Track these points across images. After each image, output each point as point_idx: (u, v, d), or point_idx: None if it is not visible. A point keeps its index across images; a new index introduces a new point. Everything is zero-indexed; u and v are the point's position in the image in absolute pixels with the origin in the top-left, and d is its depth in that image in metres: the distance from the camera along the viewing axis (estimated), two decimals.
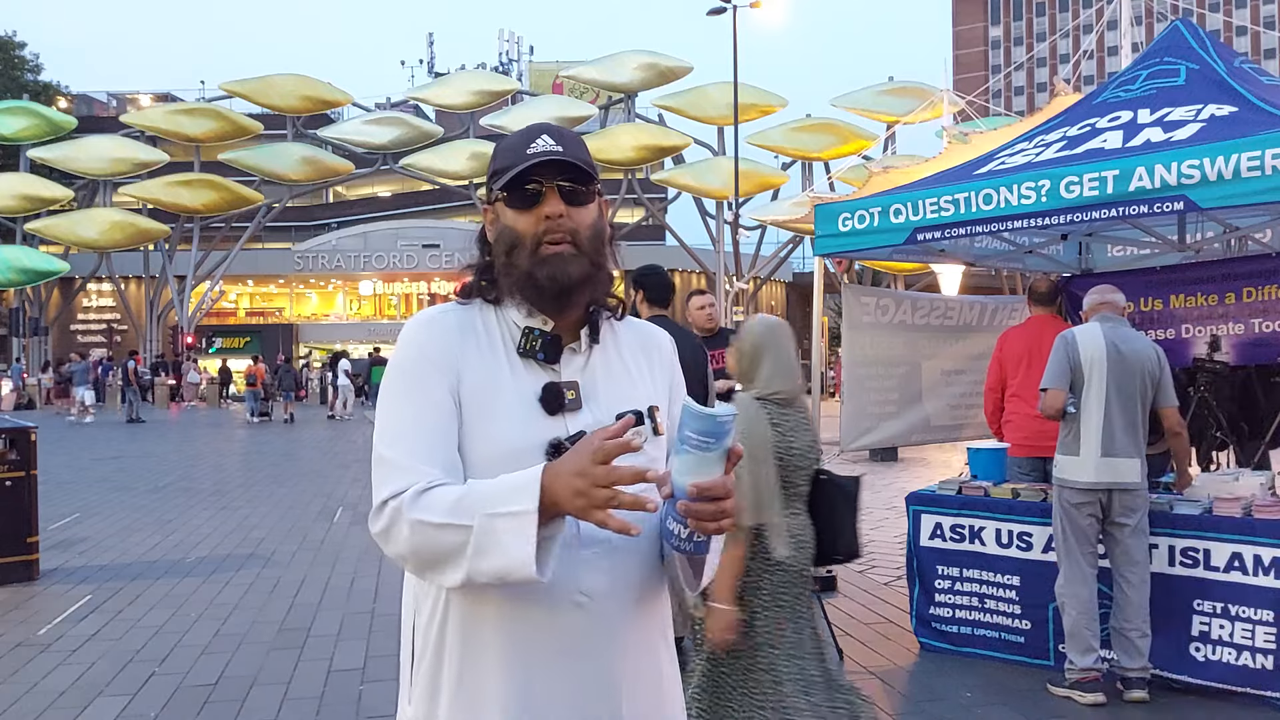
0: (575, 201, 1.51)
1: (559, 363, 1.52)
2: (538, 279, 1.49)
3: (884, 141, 35.26)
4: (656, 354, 1.65)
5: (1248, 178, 4.21)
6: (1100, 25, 13.10)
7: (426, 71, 66.80)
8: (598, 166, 1.57)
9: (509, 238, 1.52)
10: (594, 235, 1.53)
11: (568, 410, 1.49)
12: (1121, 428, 4.40)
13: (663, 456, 1.56)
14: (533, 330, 1.52)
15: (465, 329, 1.53)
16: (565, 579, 1.44)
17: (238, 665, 5.05)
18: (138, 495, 11.36)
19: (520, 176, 1.49)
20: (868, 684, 4.67)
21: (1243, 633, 4.24)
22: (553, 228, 1.49)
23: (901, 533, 6.53)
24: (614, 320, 1.62)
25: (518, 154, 1.50)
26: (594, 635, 1.46)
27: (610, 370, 1.57)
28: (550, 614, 1.44)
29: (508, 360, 1.52)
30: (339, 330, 48.12)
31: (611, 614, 1.47)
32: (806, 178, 37.31)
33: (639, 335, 1.66)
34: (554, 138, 1.52)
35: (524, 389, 1.50)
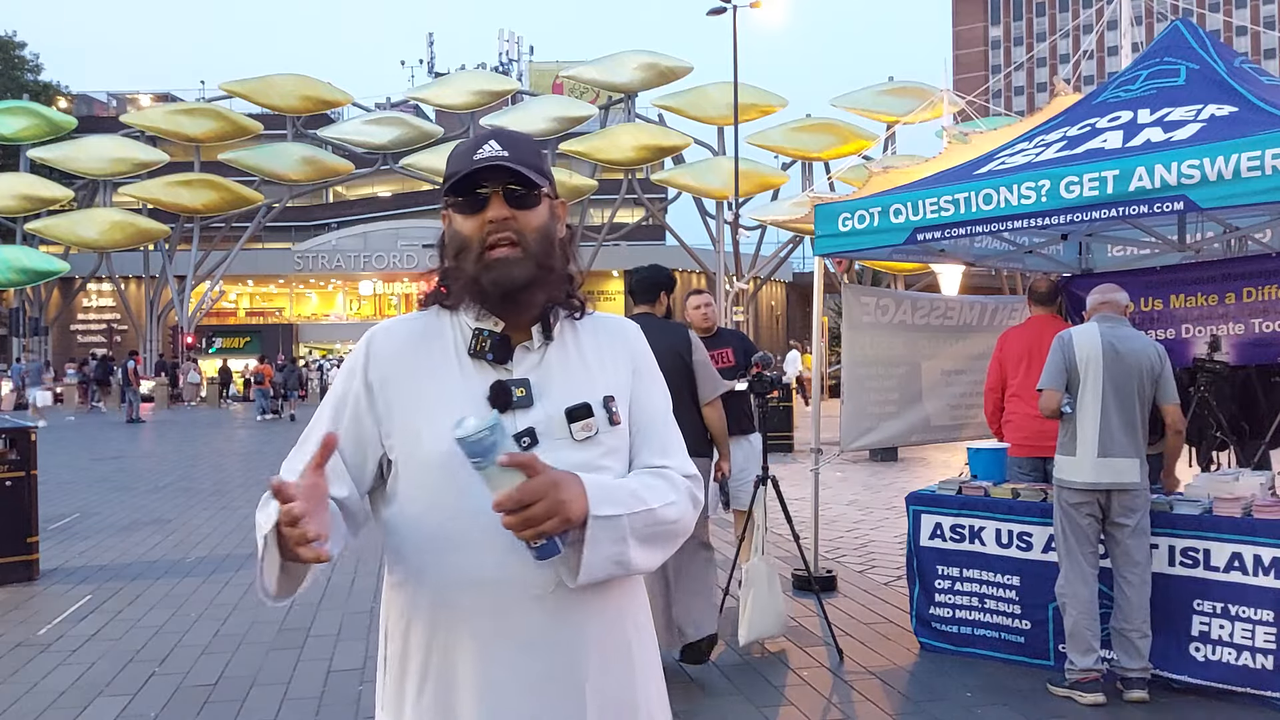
0: (522, 205, 1.54)
1: (510, 362, 1.55)
2: (482, 283, 1.52)
3: (884, 141, 35.25)
4: (621, 343, 1.66)
5: (1248, 178, 4.21)
6: (1100, 25, 13.10)
7: (426, 71, 66.82)
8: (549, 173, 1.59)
9: (458, 241, 1.55)
10: (541, 237, 1.55)
11: (517, 407, 1.51)
12: (1119, 427, 4.40)
13: (623, 446, 1.58)
14: (482, 331, 1.55)
15: (414, 338, 1.58)
16: (516, 577, 1.47)
17: (238, 665, 5.05)
18: (138, 495, 11.36)
19: (466, 181, 1.52)
20: (868, 684, 4.68)
21: (1243, 633, 4.24)
22: (497, 230, 1.52)
23: (901, 533, 6.53)
24: (575, 319, 1.63)
25: (465, 160, 1.53)
26: (555, 629, 1.48)
27: (567, 367, 1.58)
28: (509, 610, 1.47)
29: (459, 362, 1.55)
30: (339, 330, 48.14)
31: (571, 606, 1.48)
32: (806, 178, 37.31)
33: (603, 330, 1.67)
34: (502, 143, 1.54)
35: (473, 389, 1.53)
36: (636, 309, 5.07)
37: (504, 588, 1.47)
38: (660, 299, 5.05)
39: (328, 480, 1.47)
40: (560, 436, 1.52)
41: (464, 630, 1.48)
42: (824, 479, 8.39)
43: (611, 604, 1.55)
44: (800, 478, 7.31)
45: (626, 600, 1.58)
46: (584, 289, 1.68)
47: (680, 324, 5.18)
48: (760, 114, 36.42)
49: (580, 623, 1.50)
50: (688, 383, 4.80)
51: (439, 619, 1.50)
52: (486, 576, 1.47)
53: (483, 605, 1.47)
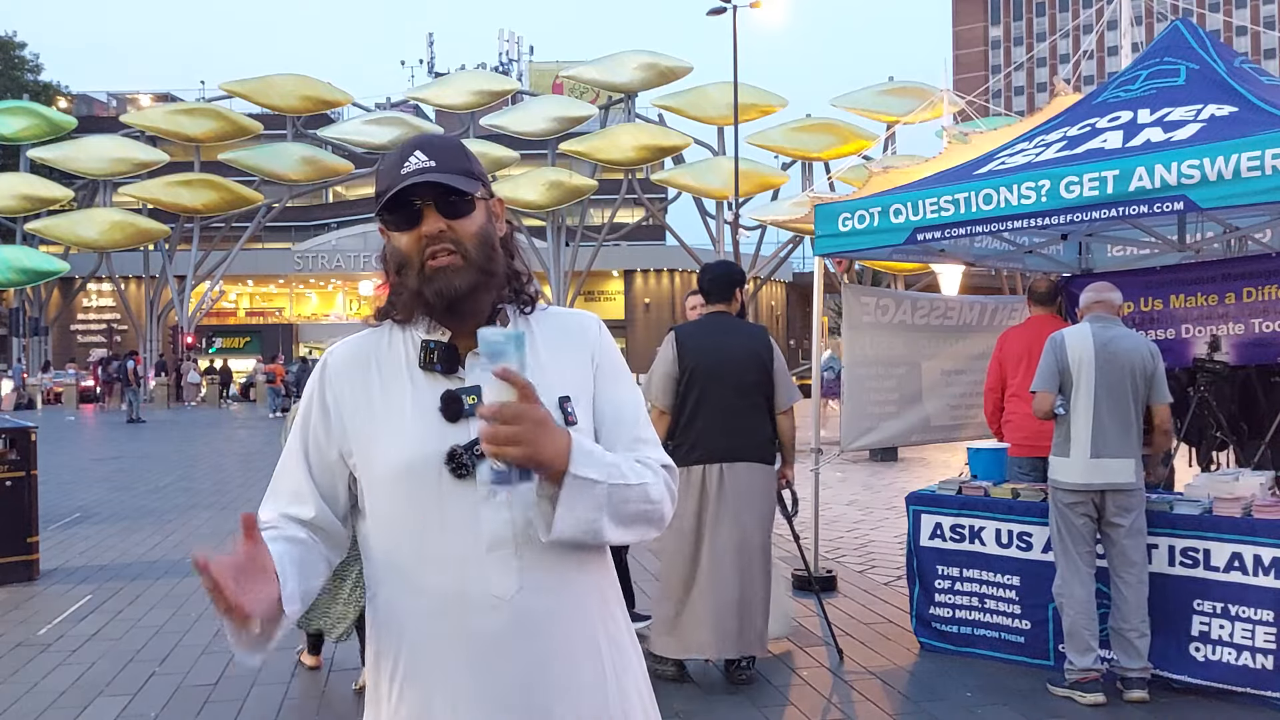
0: (456, 214, 1.52)
1: (460, 370, 1.53)
2: (426, 295, 1.51)
3: (884, 141, 35.25)
4: (579, 339, 1.63)
5: (1248, 178, 4.21)
6: (1100, 25, 13.11)
7: (426, 71, 66.79)
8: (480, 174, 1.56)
9: (398, 258, 1.54)
10: (480, 243, 1.53)
11: (468, 415, 1.49)
12: (1113, 428, 4.39)
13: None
14: (429, 343, 1.54)
15: (367, 356, 1.58)
16: (475, 582, 1.47)
17: (238, 665, 5.05)
18: (138, 495, 11.36)
19: (397, 197, 1.50)
20: (868, 684, 4.68)
21: (1243, 633, 4.24)
22: (434, 242, 1.50)
23: (901, 533, 6.53)
24: (528, 315, 1.61)
25: (393, 175, 1.51)
26: (514, 637, 1.47)
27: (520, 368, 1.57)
28: (465, 620, 1.47)
29: (410, 376, 1.54)
30: (339, 330, 48.12)
31: (530, 613, 1.48)
32: (806, 178, 37.32)
33: (558, 325, 1.64)
34: (427, 153, 1.51)
35: (424, 401, 1.51)
36: (710, 308, 4.86)
37: (464, 596, 1.47)
38: (735, 297, 4.84)
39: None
40: None
41: (430, 638, 1.49)
42: (824, 479, 8.39)
43: (576, 608, 1.53)
44: (800, 478, 7.30)
45: (594, 603, 1.56)
46: (584, 289, 1.65)
47: (760, 326, 5.02)
48: (760, 114, 36.43)
49: (543, 628, 1.49)
50: (765, 387, 4.70)
51: (406, 627, 1.51)
52: (447, 586, 1.48)
53: (445, 613, 1.48)
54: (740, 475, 4.60)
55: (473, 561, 1.47)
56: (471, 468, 1.48)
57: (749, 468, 4.62)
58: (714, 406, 4.58)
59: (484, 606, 1.47)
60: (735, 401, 4.63)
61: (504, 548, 1.48)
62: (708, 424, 4.57)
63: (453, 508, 1.48)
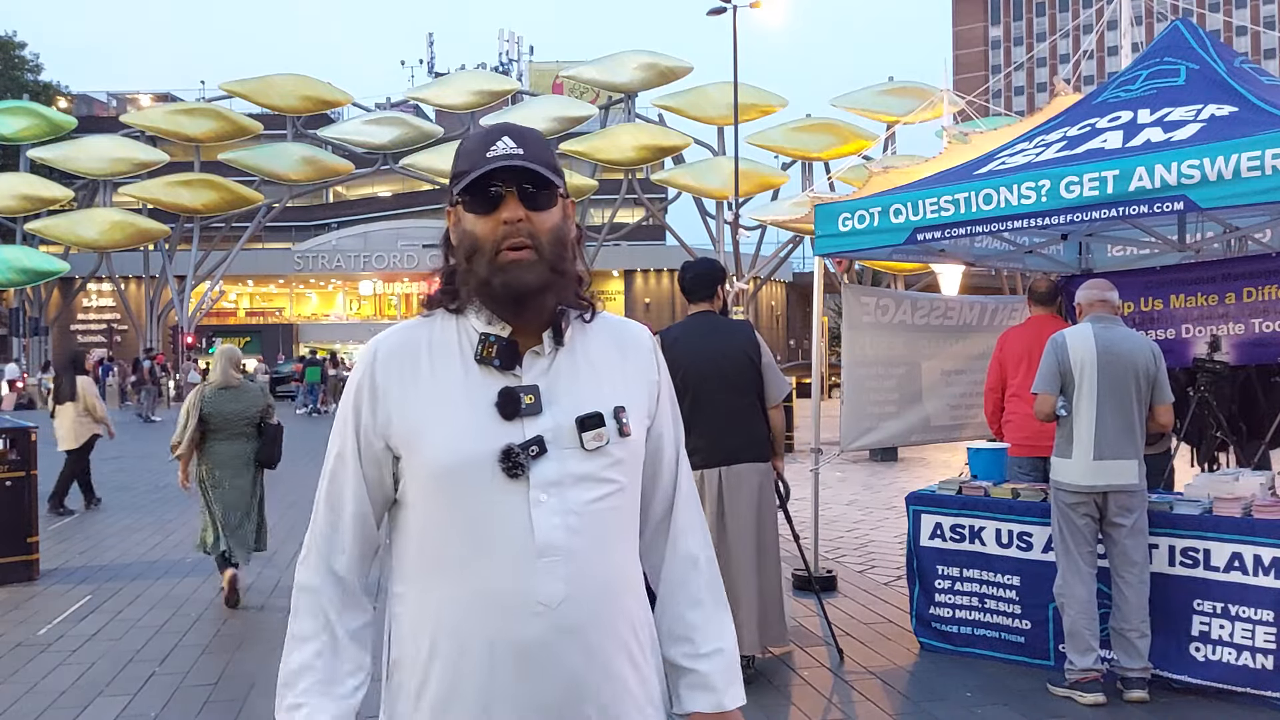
0: (536, 205, 1.48)
1: (518, 368, 1.49)
2: (494, 286, 1.47)
3: (884, 141, 35.23)
4: (633, 352, 1.61)
5: (1248, 178, 4.21)
6: (1100, 25, 13.10)
7: (426, 71, 66.81)
8: (561, 169, 1.54)
9: (468, 243, 1.49)
10: (555, 240, 1.49)
11: (525, 415, 1.46)
12: (1115, 429, 4.39)
13: (632, 456, 1.54)
14: (489, 336, 1.49)
15: (418, 344, 1.53)
16: (522, 589, 1.43)
17: (238, 665, 5.05)
18: (138, 495, 11.35)
19: (480, 180, 1.46)
20: (868, 684, 4.68)
21: (1243, 633, 4.24)
22: (512, 232, 1.46)
23: (901, 533, 6.53)
24: (585, 320, 1.57)
25: (477, 157, 1.47)
26: (556, 643, 1.44)
27: (576, 372, 1.52)
28: (508, 625, 1.44)
29: (464, 369, 1.50)
30: (339, 330, 48.15)
31: (573, 620, 1.45)
32: (806, 178, 37.31)
33: (615, 334, 1.61)
34: (515, 140, 1.48)
35: (479, 396, 1.48)
36: (694, 307, 4.84)
37: (507, 600, 1.43)
38: (717, 294, 4.84)
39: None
40: (569, 445, 1.47)
41: (466, 641, 1.45)
42: (824, 479, 8.39)
43: (619, 618, 1.51)
44: (800, 478, 7.31)
45: (636, 612, 1.54)
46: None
47: (744, 322, 5.02)
48: (760, 114, 36.43)
49: (586, 638, 1.46)
50: (756, 385, 4.70)
51: (439, 629, 1.47)
52: (488, 588, 1.44)
53: (485, 616, 1.44)
54: (742, 476, 4.62)
55: (520, 565, 1.43)
56: (526, 468, 1.44)
57: (750, 468, 4.63)
58: (711, 409, 4.57)
59: (527, 613, 1.43)
60: (731, 402, 4.63)
61: (556, 554, 1.44)
62: (706, 428, 4.56)
63: (503, 508, 1.44)
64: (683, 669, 1.60)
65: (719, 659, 1.60)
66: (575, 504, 1.46)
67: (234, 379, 6.47)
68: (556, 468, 1.45)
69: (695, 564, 1.64)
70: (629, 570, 1.55)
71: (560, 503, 1.45)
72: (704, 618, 1.62)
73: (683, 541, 1.64)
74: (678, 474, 1.66)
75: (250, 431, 6.49)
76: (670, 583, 1.64)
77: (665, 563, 1.64)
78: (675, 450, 1.66)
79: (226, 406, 6.35)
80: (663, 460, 1.64)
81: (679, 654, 1.61)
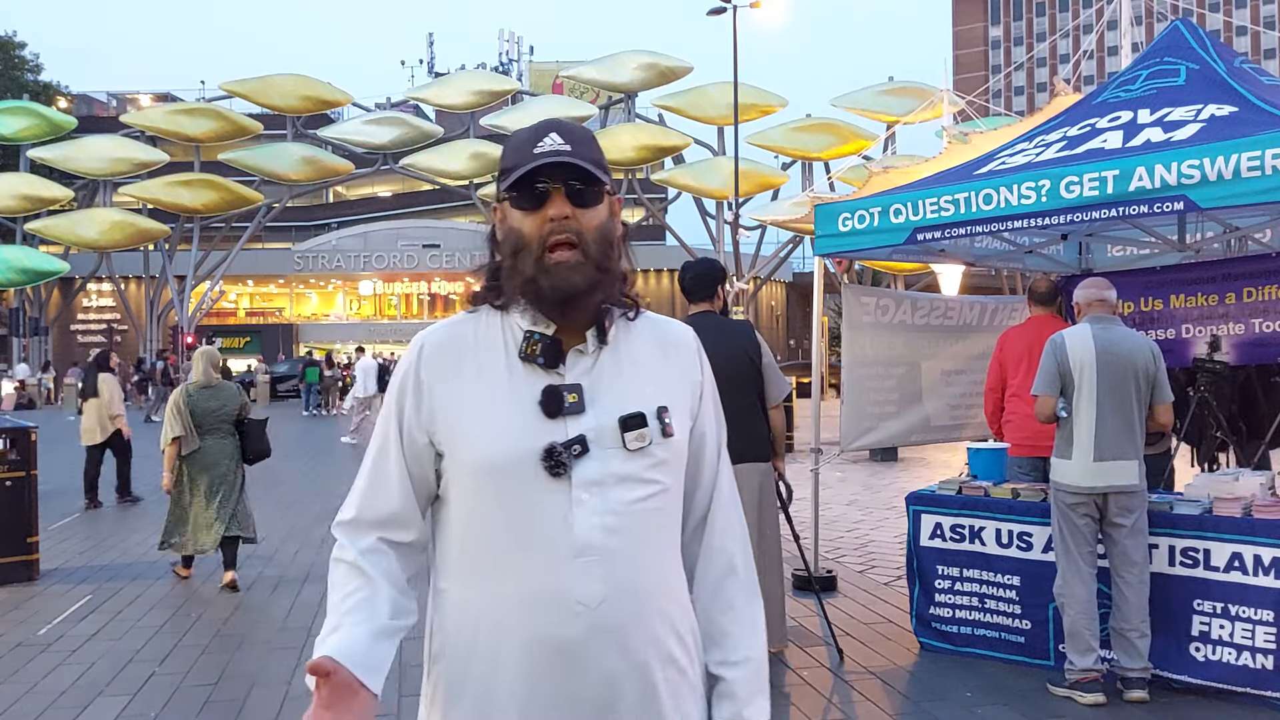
0: (583, 203, 1.48)
1: (561, 366, 1.49)
2: (540, 286, 1.46)
3: (884, 141, 35.23)
4: (676, 352, 1.60)
5: (1248, 178, 4.21)
6: (1100, 25, 13.10)
7: (426, 71, 66.85)
8: (608, 167, 1.53)
9: (514, 239, 1.49)
10: (601, 238, 1.49)
11: (568, 413, 1.46)
12: (1116, 430, 4.39)
13: (674, 457, 1.53)
14: (533, 334, 1.49)
15: (463, 341, 1.53)
16: (561, 588, 1.43)
17: (238, 665, 5.05)
18: (137, 495, 11.35)
19: (526, 176, 1.46)
20: (868, 684, 4.68)
21: (1243, 633, 4.24)
22: (558, 229, 1.46)
23: (901, 533, 6.53)
24: (629, 319, 1.57)
25: (524, 153, 1.47)
26: (595, 643, 1.43)
27: (619, 371, 1.52)
28: (547, 624, 1.43)
29: (508, 366, 1.49)
30: (339, 330, 48.15)
31: (612, 620, 1.44)
32: (806, 178, 37.31)
33: (658, 333, 1.60)
34: (563, 136, 1.48)
35: (522, 394, 1.47)
36: (695, 307, 4.84)
37: (546, 600, 1.43)
38: (717, 294, 4.84)
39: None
40: (612, 445, 1.46)
41: (505, 640, 1.44)
42: (824, 479, 8.39)
43: (657, 621, 1.49)
44: (800, 478, 7.30)
45: (667, 611, 1.52)
46: None
47: (745, 322, 5.03)
48: (760, 114, 36.43)
49: (624, 639, 1.45)
50: (756, 385, 4.69)
51: (480, 626, 1.46)
52: (528, 586, 1.44)
53: (524, 616, 1.43)
54: (743, 476, 4.61)
55: (559, 565, 1.42)
56: (568, 467, 1.44)
57: (751, 468, 4.64)
58: None
59: (566, 613, 1.42)
60: (731, 402, 4.61)
61: (593, 554, 1.44)
62: None
63: (544, 507, 1.44)
64: (713, 676, 1.59)
65: (746, 668, 1.58)
66: (616, 504, 1.45)
67: (214, 378, 6.84)
68: (599, 467, 1.45)
69: (733, 568, 1.61)
70: (670, 573, 1.54)
71: (601, 503, 1.45)
72: (737, 624, 1.60)
73: (721, 544, 1.62)
74: (718, 475, 1.63)
75: (228, 428, 6.80)
76: (705, 586, 1.61)
77: (701, 565, 1.62)
78: (717, 451, 1.64)
79: (207, 404, 6.71)
80: (704, 461, 1.62)
81: (710, 660, 1.59)
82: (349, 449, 17.18)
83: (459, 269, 46.13)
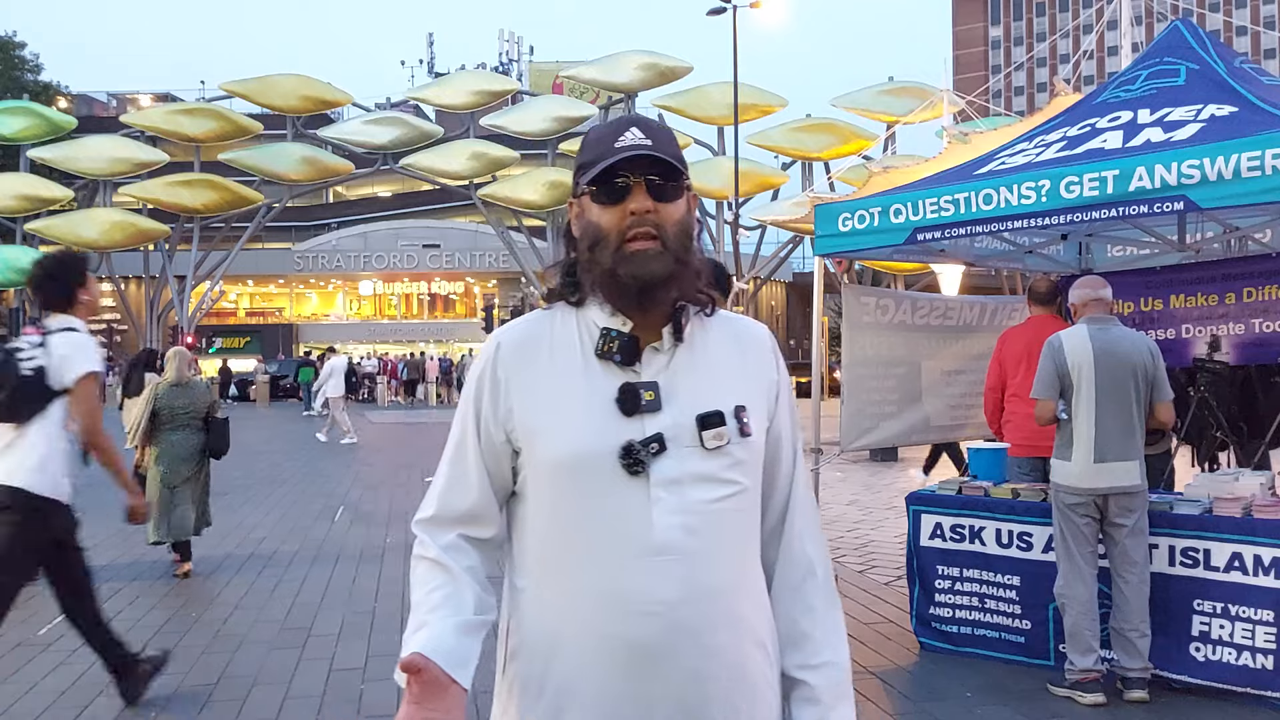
0: (663, 197, 1.48)
1: (638, 363, 1.48)
2: (620, 276, 1.46)
3: (884, 141, 35.21)
4: (753, 351, 1.59)
5: (1248, 178, 4.20)
6: (1100, 25, 13.10)
7: (426, 71, 66.88)
8: (685, 161, 1.54)
9: (593, 233, 1.49)
10: (681, 232, 1.50)
11: (645, 411, 1.45)
12: (1115, 431, 4.38)
13: (752, 458, 1.52)
14: (610, 331, 1.48)
15: (539, 338, 1.53)
16: (637, 589, 1.41)
17: (238, 665, 5.06)
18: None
19: (607, 170, 1.47)
20: (868, 684, 4.68)
21: (1243, 633, 4.24)
22: (638, 223, 1.46)
23: (901, 533, 6.53)
24: (705, 316, 1.56)
25: (605, 147, 1.48)
26: (674, 644, 1.42)
27: (695, 371, 1.51)
28: (625, 623, 1.42)
29: (584, 363, 1.49)
30: (339, 330, 48.17)
31: (689, 621, 1.42)
32: (806, 178, 37.29)
33: (734, 331, 1.60)
34: (643, 130, 1.49)
35: (599, 391, 1.47)
36: None
37: (623, 599, 1.41)
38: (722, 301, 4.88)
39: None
40: (689, 444, 1.45)
41: (582, 640, 1.43)
42: (824, 479, 8.39)
43: (736, 622, 1.48)
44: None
45: (749, 615, 1.51)
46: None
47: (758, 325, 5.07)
48: (760, 114, 36.41)
49: (702, 641, 1.43)
50: None
51: (558, 624, 1.45)
52: (606, 585, 1.42)
53: (601, 615, 1.42)
54: None
55: (637, 564, 1.41)
56: (646, 465, 1.43)
57: None
58: None
59: (644, 612, 1.41)
60: None
61: (672, 553, 1.42)
62: None
63: (621, 505, 1.43)
64: (792, 679, 1.56)
65: (829, 672, 1.56)
66: (694, 504, 1.44)
67: (185, 377, 7.33)
68: (676, 466, 1.44)
69: (812, 571, 1.60)
70: (749, 574, 1.53)
71: (679, 502, 1.44)
72: (817, 626, 1.58)
73: (800, 546, 1.61)
74: (795, 477, 1.63)
75: (196, 424, 7.25)
76: (784, 588, 1.59)
77: (780, 567, 1.60)
78: (793, 453, 1.63)
79: (176, 401, 7.18)
80: (780, 462, 1.61)
81: (789, 663, 1.57)
82: (349, 449, 17.18)
83: (459, 269, 46.15)
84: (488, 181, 36.23)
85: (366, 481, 12.46)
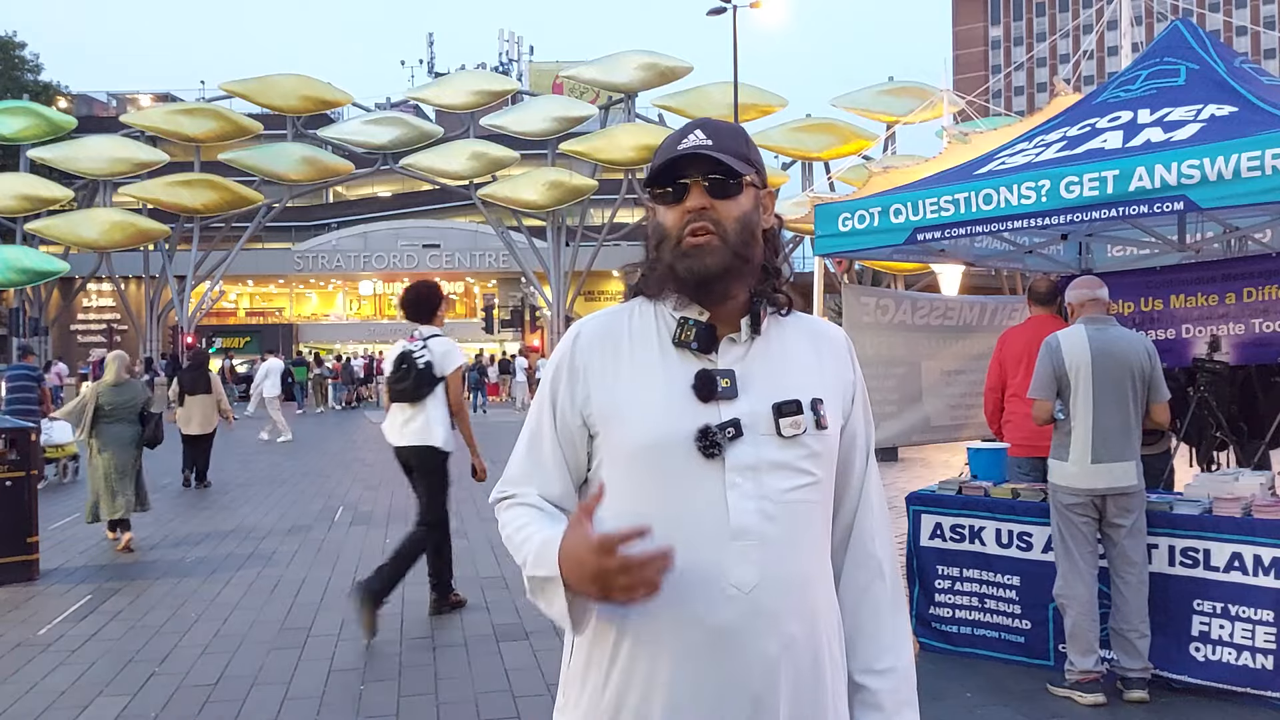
0: (722, 194, 1.52)
1: (714, 352, 1.51)
2: (677, 271, 1.50)
3: (884, 141, 35.25)
4: (828, 348, 1.62)
5: (1248, 178, 4.20)
6: (1100, 25, 13.10)
7: (426, 72, 66.85)
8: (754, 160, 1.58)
9: (659, 231, 1.55)
10: (741, 228, 1.52)
11: (721, 398, 1.48)
12: (1113, 431, 4.38)
13: (827, 451, 1.53)
14: (687, 320, 1.52)
15: (618, 328, 1.57)
16: (714, 572, 1.43)
17: (238, 665, 5.05)
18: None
19: (667, 171, 1.52)
20: None
21: (1243, 633, 4.24)
22: (695, 219, 1.50)
23: (901, 533, 6.53)
24: (781, 315, 1.59)
25: (670, 150, 1.53)
26: (747, 628, 1.42)
27: (771, 363, 1.54)
28: (698, 607, 1.43)
29: (661, 352, 1.53)
30: (339, 330, 48.16)
31: (765, 606, 1.43)
32: (806, 178, 37.32)
33: (811, 331, 1.63)
34: (706, 132, 1.54)
35: (676, 378, 1.50)
36: None
37: (699, 583, 1.42)
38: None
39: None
40: (765, 432, 1.47)
41: (656, 624, 1.44)
42: None
43: (811, 609, 1.49)
44: None
45: (823, 603, 1.52)
46: (584, 289, 1.66)
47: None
48: (760, 114, 36.42)
49: (778, 626, 1.44)
50: None
51: (630, 612, 1.44)
52: (681, 568, 1.40)
53: (677, 599, 1.42)
54: None
55: (713, 548, 1.42)
56: (722, 448, 1.45)
57: None
58: None
59: (720, 597, 1.42)
60: None
61: (749, 538, 1.44)
62: None
63: (698, 489, 1.45)
64: (855, 683, 1.57)
65: (893, 677, 1.57)
66: (770, 491, 1.46)
67: (123, 378, 8.47)
68: (752, 452, 1.45)
69: (881, 574, 1.61)
70: (822, 566, 1.54)
71: (756, 488, 1.45)
72: (883, 631, 1.59)
73: (870, 548, 1.61)
74: (867, 478, 1.64)
75: (133, 418, 8.37)
76: (852, 590, 1.60)
77: (848, 568, 1.61)
78: (866, 455, 1.65)
79: (116, 398, 8.27)
80: (854, 463, 1.63)
81: (852, 666, 1.57)
82: (350, 448, 17.18)
83: (459, 269, 46.11)
84: (488, 181, 36.22)
85: (366, 481, 12.46)
